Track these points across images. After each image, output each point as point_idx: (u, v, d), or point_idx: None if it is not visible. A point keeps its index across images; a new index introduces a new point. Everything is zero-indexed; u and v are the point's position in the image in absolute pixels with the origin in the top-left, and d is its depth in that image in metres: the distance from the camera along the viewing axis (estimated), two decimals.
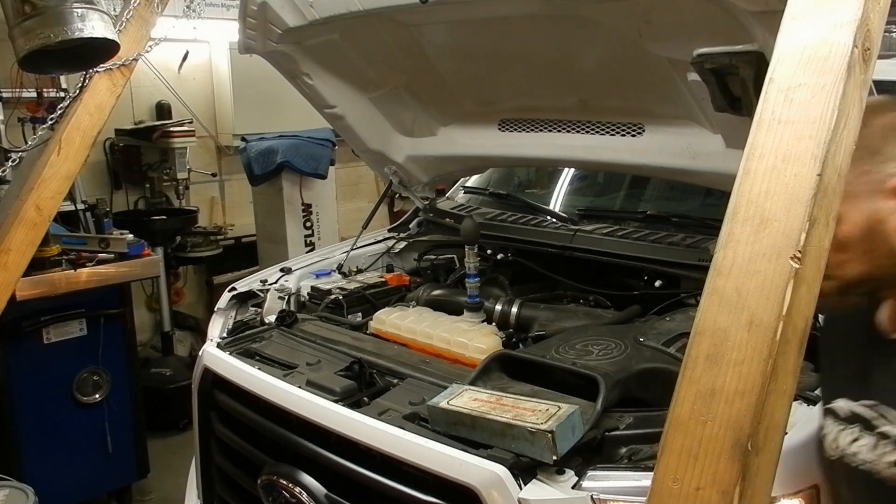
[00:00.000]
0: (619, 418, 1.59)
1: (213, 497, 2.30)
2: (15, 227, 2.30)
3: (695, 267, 2.16)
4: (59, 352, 3.16)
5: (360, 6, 2.13)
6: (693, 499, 0.97)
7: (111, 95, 2.50)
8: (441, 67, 2.45)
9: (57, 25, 2.01)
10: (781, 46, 1.08)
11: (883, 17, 1.08)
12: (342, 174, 5.55)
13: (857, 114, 1.05)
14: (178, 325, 4.86)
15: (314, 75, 2.56)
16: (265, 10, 2.34)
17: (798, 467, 1.42)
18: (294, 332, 2.27)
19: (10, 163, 2.54)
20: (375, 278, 2.65)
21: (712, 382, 0.99)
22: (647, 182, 2.79)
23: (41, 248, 2.66)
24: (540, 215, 2.75)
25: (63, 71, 3.04)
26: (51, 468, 3.15)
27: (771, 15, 1.26)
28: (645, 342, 1.84)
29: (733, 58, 1.58)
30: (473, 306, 2.30)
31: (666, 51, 1.91)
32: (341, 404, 1.79)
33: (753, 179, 1.04)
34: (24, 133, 3.49)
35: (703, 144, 2.15)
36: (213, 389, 2.21)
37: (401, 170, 2.92)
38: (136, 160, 4.72)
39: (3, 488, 2.23)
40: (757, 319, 0.98)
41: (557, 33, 2.07)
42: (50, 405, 3.17)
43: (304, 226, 4.94)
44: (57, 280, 3.02)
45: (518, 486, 1.44)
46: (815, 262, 1.00)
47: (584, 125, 2.41)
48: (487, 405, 1.58)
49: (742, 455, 0.95)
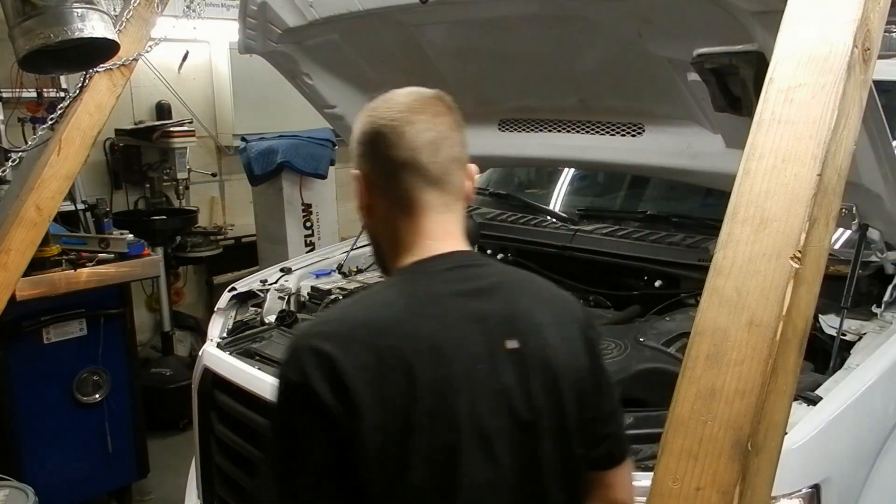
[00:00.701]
0: None
1: (213, 497, 2.30)
2: (15, 227, 2.30)
3: (695, 267, 2.16)
4: (59, 352, 3.15)
5: (360, 6, 2.13)
6: (693, 499, 0.97)
7: (111, 95, 2.50)
8: (441, 67, 2.45)
9: (57, 25, 2.01)
10: (781, 46, 1.09)
11: (883, 17, 1.08)
12: (342, 174, 5.53)
13: (857, 114, 1.05)
14: (178, 325, 4.85)
15: (314, 75, 2.56)
16: (265, 10, 2.33)
17: (798, 467, 1.42)
18: (294, 332, 2.27)
19: (10, 163, 2.54)
20: (375, 278, 2.65)
21: (712, 382, 0.99)
22: (647, 182, 2.79)
23: (41, 248, 2.66)
24: (540, 215, 2.75)
25: (63, 71, 3.04)
26: (51, 468, 3.15)
27: (771, 15, 1.26)
28: (645, 342, 1.84)
29: (733, 58, 1.57)
30: None
31: (666, 51, 1.91)
32: None
33: (753, 179, 1.04)
34: (24, 133, 3.49)
35: (703, 144, 2.15)
36: (213, 389, 2.21)
37: None
38: (136, 160, 4.71)
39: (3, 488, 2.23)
40: (757, 319, 0.98)
41: (557, 33, 2.07)
42: (50, 405, 3.16)
43: (304, 226, 4.94)
44: (57, 280, 3.01)
45: None
46: (815, 262, 1.01)
47: (584, 125, 2.40)
48: None
49: (742, 455, 0.95)
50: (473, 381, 1.03)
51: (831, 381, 1.62)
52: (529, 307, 1.13)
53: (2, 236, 2.30)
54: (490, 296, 1.11)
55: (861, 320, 1.86)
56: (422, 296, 1.09)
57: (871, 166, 1.70)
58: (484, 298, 1.10)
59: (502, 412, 1.04)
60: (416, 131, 1.14)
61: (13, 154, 2.58)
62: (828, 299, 1.81)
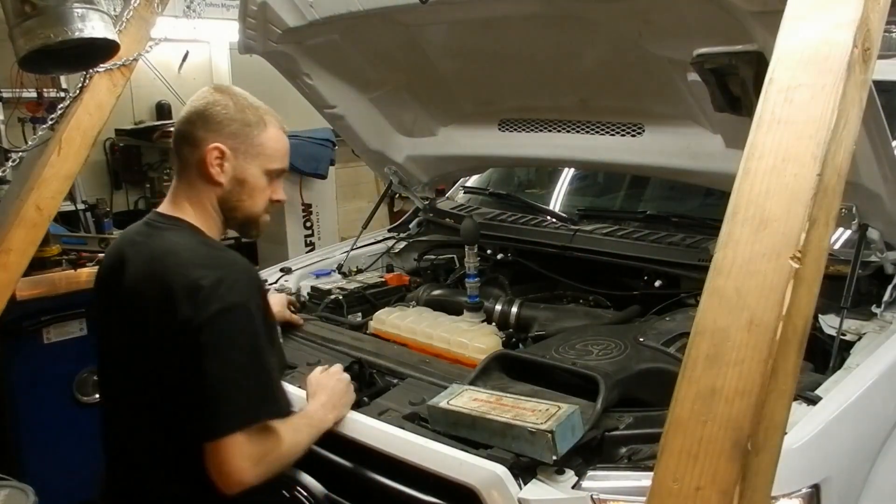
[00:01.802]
0: (619, 418, 1.59)
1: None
2: (15, 227, 2.30)
3: (695, 267, 2.16)
4: (59, 352, 3.15)
5: (360, 6, 2.13)
6: (693, 499, 0.97)
7: (111, 95, 2.50)
8: (441, 67, 2.45)
9: (57, 25, 2.01)
10: (781, 46, 1.09)
11: (883, 17, 1.08)
12: (342, 174, 5.55)
13: (857, 114, 1.05)
14: None
15: (314, 75, 2.56)
16: (265, 10, 2.33)
17: (798, 467, 1.42)
18: (294, 332, 2.27)
19: (10, 163, 2.53)
20: (375, 278, 2.65)
21: (712, 382, 0.99)
22: (647, 182, 2.79)
23: (41, 248, 2.66)
24: (540, 215, 2.75)
25: (63, 71, 3.04)
26: (51, 468, 3.15)
27: (771, 15, 1.26)
28: (645, 342, 1.84)
29: (733, 58, 1.58)
30: (473, 306, 2.30)
31: (666, 51, 1.91)
32: None
33: (753, 179, 1.04)
34: (24, 133, 3.49)
35: (703, 144, 2.15)
36: None
37: (401, 170, 2.92)
38: (136, 160, 4.73)
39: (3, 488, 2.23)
40: (757, 319, 0.98)
41: (557, 33, 2.07)
42: (50, 405, 3.16)
43: (304, 226, 4.94)
44: (57, 280, 3.01)
45: (518, 485, 1.44)
46: (815, 262, 1.00)
47: (584, 125, 2.40)
48: (487, 405, 1.58)
49: (742, 455, 0.95)
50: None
51: (831, 381, 1.62)
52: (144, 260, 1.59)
53: (2, 236, 2.30)
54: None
55: (861, 320, 1.86)
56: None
57: (871, 166, 1.70)
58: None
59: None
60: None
61: (13, 154, 2.58)
62: (828, 299, 1.81)
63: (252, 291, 1.53)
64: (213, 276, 1.48)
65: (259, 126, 1.63)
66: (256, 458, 1.47)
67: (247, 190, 1.63)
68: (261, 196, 1.65)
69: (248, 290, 1.51)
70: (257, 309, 1.51)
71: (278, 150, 1.66)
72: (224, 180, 1.61)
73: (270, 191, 1.67)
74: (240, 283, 1.50)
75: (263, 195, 1.66)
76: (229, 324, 1.46)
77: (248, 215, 1.66)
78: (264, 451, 1.49)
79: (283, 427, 1.56)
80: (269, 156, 1.64)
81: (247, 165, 1.62)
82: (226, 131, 1.60)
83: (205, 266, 1.51)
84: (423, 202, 3.03)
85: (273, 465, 1.52)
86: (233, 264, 1.55)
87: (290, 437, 1.57)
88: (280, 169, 1.68)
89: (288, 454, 1.57)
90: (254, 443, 1.47)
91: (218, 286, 1.46)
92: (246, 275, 1.55)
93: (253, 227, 1.69)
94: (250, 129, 1.62)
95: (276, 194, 1.69)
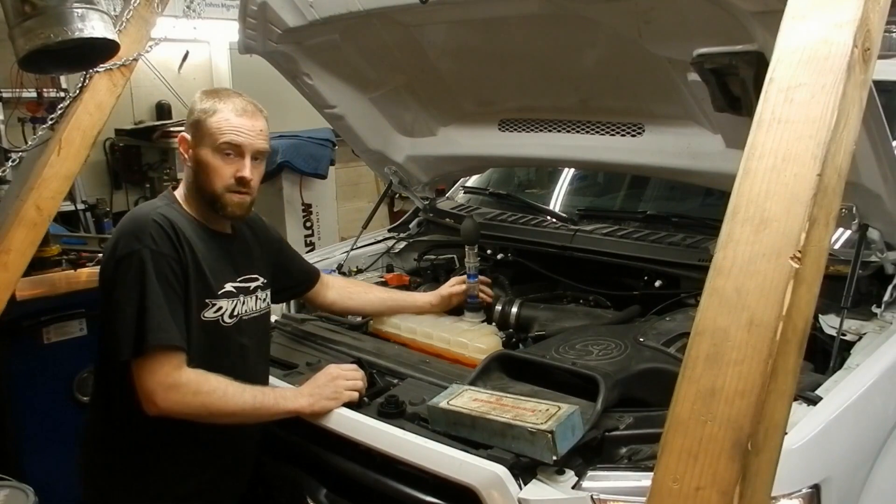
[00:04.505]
0: (619, 418, 1.60)
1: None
2: (15, 227, 2.30)
3: (695, 267, 2.16)
4: (59, 352, 3.15)
5: (360, 6, 2.13)
6: (693, 499, 0.97)
7: (111, 95, 2.50)
8: (441, 67, 2.45)
9: (57, 25, 2.01)
10: (781, 46, 1.09)
11: (883, 17, 1.08)
12: (342, 174, 5.55)
13: (857, 114, 1.05)
14: None
15: (314, 75, 2.56)
16: (265, 10, 2.33)
17: (798, 467, 1.42)
18: (294, 332, 2.27)
19: (10, 163, 2.53)
20: (375, 278, 2.65)
21: (712, 382, 0.99)
22: (647, 182, 2.79)
23: (41, 248, 2.65)
24: (540, 215, 2.75)
25: (63, 71, 3.03)
26: (51, 468, 3.14)
27: (771, 15, 1.26)
28: (645, 342, 1.84)
29: (733, 58, 1.58)
30: (473, 306, 2.30)
31: (666, 51, 1.91)
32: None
33: (753, 179, 1.04)
34: (24, 133, 3.49)
35: (703, 144, 2.15)
36: None
37: (401, 170, 2.92)
38: (136, 160, 4.73)
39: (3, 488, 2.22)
40: (757, 319, 0.98)
41: (557, 33, 2.07)
42: (50, 405, 3.16)
43: (304, 226, 4.94)
44: (57, 280, 3.01)
45: (518, 486, 1.45)
46: (815, 262, 1.00)
47: (584, 125, 2.41)
48: (487, 405, 1.58)
49: (742, 455, 0.95)
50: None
51: (831, 381, 1.62)
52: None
53: (2, 236, 2.29)
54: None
55: (861, 320, 1.86)
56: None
57: (871, 166, 1.70)
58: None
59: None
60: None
61: (13, 154, 2.57)
62: (828, 299, 1.81)
63: (145, 241, 1.74)
64: (120, 231, 1.81)
65: (209, 112, 1.84)
66: (167, 385, 1.67)
67: (204, 170, 1.84)
68: (217, 175, 1.83)
69: (141, 241, 1.74)
70: (154, 256, 1.73)
71: (222, 127, 1.82)
72: (190, 163, 1.87)
73: (235, 168, 1.83)
74: (132, 236, 1.76)
75: (220, 174, 1.83)
76: (122, 269, 1.73)
77: (211, 193, 1.85)
78: (180, 383, 1.68)
79: (226, 380, 1.72)
80: (214, 134, 1.82)
81: (200, 149, 1.84)
82: (188, 122, 1.89)
83: (122, 223, 1.84)
84: (423, 202, 3.03)
85: (192, 399, 1.68)
86: (135, 220, 1.80)
87: (229, 388, 1.72)
88: (228, 143, 1.82)
89: (218, 401, 1.70)
90: (167, 373, 1.67)
91: (119, 240, 1.77)
92: (140, 229, 1.77)
93: (218, 204, 1.86)
94: (205, 115, 1.84)
95: (241, 171, 1.84)
